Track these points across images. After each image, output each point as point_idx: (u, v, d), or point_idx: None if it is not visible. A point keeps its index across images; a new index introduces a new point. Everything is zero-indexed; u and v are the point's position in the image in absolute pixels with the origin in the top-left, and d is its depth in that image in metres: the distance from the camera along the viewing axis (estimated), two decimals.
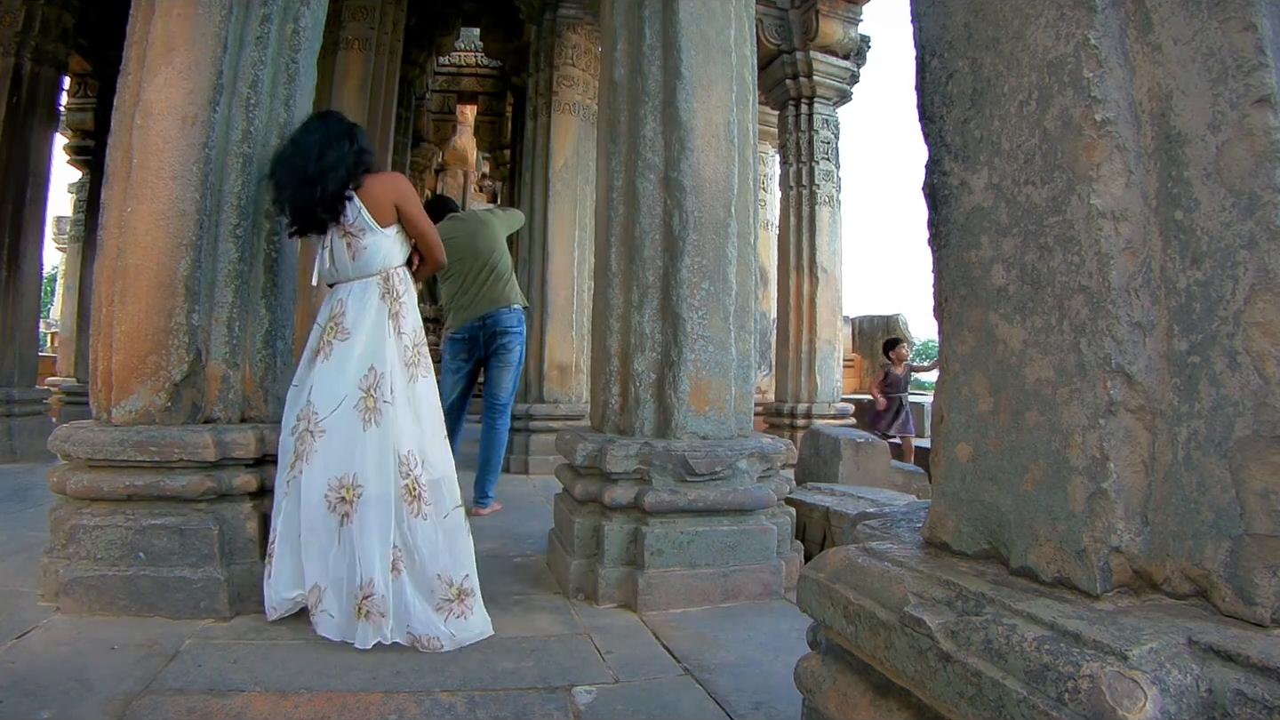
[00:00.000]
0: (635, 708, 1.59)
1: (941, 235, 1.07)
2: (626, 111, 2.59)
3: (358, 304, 2.10)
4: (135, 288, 2.13)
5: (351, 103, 4.83)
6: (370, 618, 1.87)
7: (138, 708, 1.48)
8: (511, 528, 3.32)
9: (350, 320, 2.08)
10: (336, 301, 2.14)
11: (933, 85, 1.09)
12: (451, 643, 1.87)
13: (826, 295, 6.18)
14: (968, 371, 1.00)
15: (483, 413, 3.79)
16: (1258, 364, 0.73)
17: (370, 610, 1.87)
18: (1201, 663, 0.69)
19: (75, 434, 2.10)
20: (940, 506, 1.04)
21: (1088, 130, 0.84)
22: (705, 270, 2.47)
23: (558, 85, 5.23)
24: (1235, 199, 0.75)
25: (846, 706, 1.01)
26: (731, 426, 2.52)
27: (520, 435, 5.02)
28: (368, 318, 2.09)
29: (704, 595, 2.28)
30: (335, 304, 2.14)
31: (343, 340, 2.07)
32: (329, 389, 2.02)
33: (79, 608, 1.95)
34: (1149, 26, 0.82)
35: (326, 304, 2.17)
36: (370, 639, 1.85)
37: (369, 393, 2.01)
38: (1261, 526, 0.72)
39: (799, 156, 6.22)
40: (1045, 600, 0.82)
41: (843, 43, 6.12)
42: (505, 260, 3.78)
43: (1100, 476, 0.81)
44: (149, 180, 2.14)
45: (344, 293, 2.13)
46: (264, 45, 2.30)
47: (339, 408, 2.00)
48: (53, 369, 8.98)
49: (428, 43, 6.72)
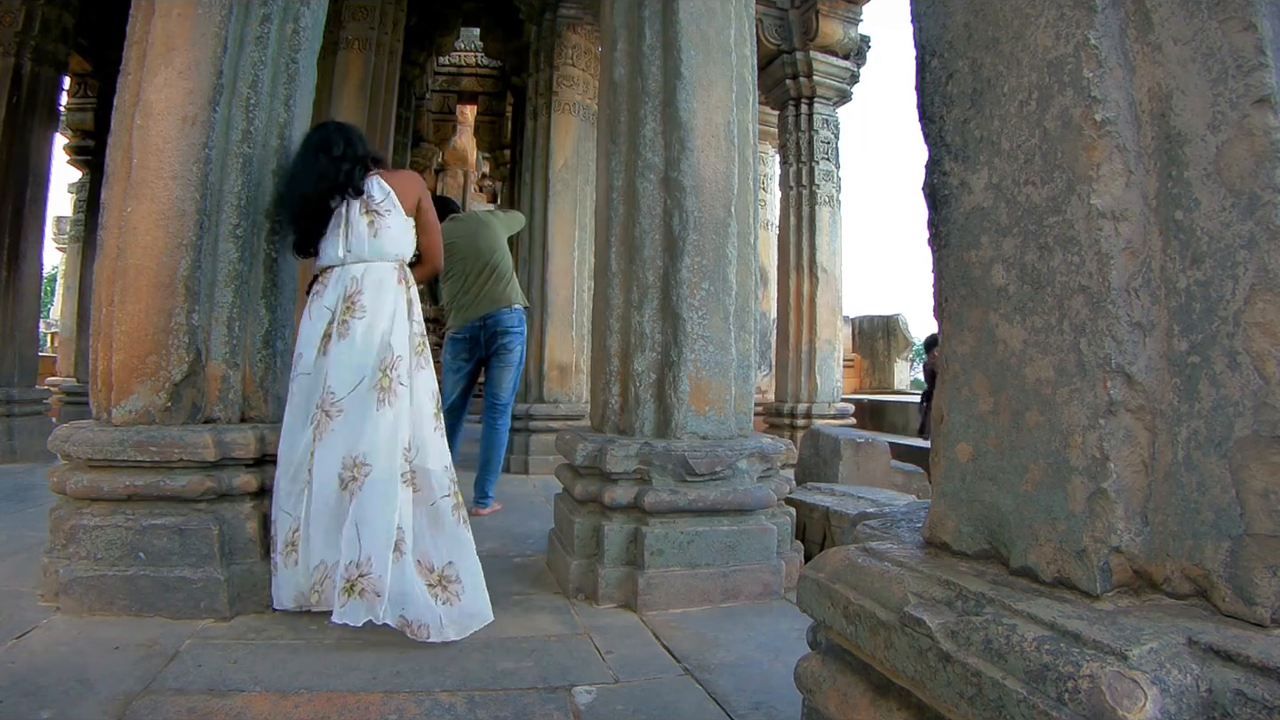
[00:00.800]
0: (635, 708, 1.59)
1: (941, 235, 1.07)
2: (626, 111, 2.59)
3: (376, 285, 2.13)
4: (135, 288, 2.13)
5: (351, 103, 4.83)
6: (364, 595, 1.85)
7: (138, 708, 1.48)
8: (511, 528, 3.32)
9: (369, 300, 2.10)
10: (350, 280, 2.13)
11: (933, 85, 1.09)
12: (438, 631, 1.87)
13: (826, 295, 6.18)
14: (968, 371, 1.00)
15: (483, 412, 3.79)
16: (1258, 364, 0.73)
17: (365, 589, 1.86)
18: (1201, 663, 0.69)
19: (75, 434, 2.10)
20: (940, 506, 1.04)
21: (1088, 130, 0.84)
22: (705, 270, 2.47)
23: (558, 85, 5.23)
24: (1235, 199, 0.75)
25: (846, 706, 1.01)
26: (731, 426, 2.52)
27: (520, 435, 5.02)
28: (388, 299, 2.13)
29: (704, 595, 2.28)
30: (348, 284, 2.13)
31: (360, 318, 2.09)
32: (349, 365, 2.04)
33: (79, 608, 1.95)
34: (1149, 26, 0.82)
35: (334, 286, 2.14)
36: (361, 617, 1.84)
37: (385, 373, 2.04)
38: (1261, 526, 0.72)
39: (799, 156, 6.22)
40: (1045, 600, 0.82)
41: (843, 43, 6.12)
42: (506, 261, 3.79)
43: (1100, 476, 0.81)
44: (149, 180, 2.14)
45: (358, 272, 2.14)
46: (264, 45, 2.30)
47: (358, 386, 2.04)
48: (53, 369, 8.99)
49: (428, 43, 6.72)
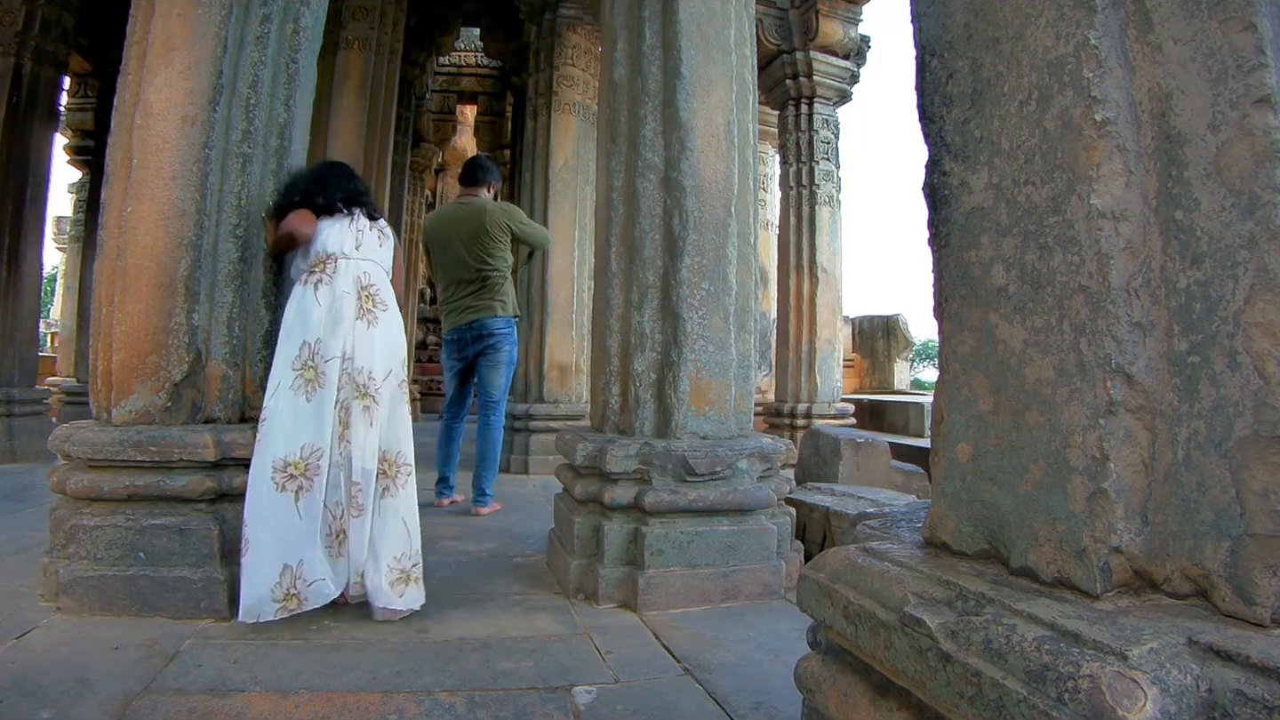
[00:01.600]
0: (635, 708, 1.59)
1: (941, 235, 1.07)
2: (626, 111, 2.59)
3: (384, 285, 2.26)
4: (135, 288, 2.13)
5: (351, 103, 4.83)
6: (418, 582, 2.09)
7: (138, 708, 1.48)
8: (511, 528, 3.32)
9: (384, 297, 2.22)
10: (363, 273, 2.19)
11: (933, 85, 1.09)
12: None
13: (826, 295, 6.18)
14: (968, 371, 1.00)
15: (478, 410, 3.80)
16: (1258, 364, 0.73)
17: (416, 576, 2.08)
18: (1201, 663, 0.69)
19: (75, 434, 2.10)
20: (940, 506, 1.04)
21: (1088, 130, 0.84)
22: (705, 270, 2.47)
23: (558, 85, 5.23)
24: (1235, 199, 0.75)
25: (846, 706, 1.01)
26: (731, 426, 2.52)
27: (520, 435, 5.02)
28: (393, 300, 2.27)
29: (704, 595, 2.28)
30: (361, 276, 2.18)
31: (384, 311, 2.20)
32: (383, 353, 2.14)
33: (79, 608, 1.95)
34: (1149, 26, 0.82)
35: (345, 274, 2.16)
36: (417, 601, 2.07)
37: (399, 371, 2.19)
38: (1261, 526, 0.72)
39: (799, 156, 6.22)
40: (1045, 600, 0.82)
41: (843, 43, 6.12)
42: (499, 271, 3.70)
43: (1100, 476, 0.81)
44: (149, 180, 2.14)
45: (369, 268, 2.22)
46: (264, 45, 2.30)
47: (388, 377, 2.13)
48: (53, 369, 8.98)
49: (428, 43, 6.72)
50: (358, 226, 2.26)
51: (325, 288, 2.14)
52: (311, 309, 2.11)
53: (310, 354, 2.06)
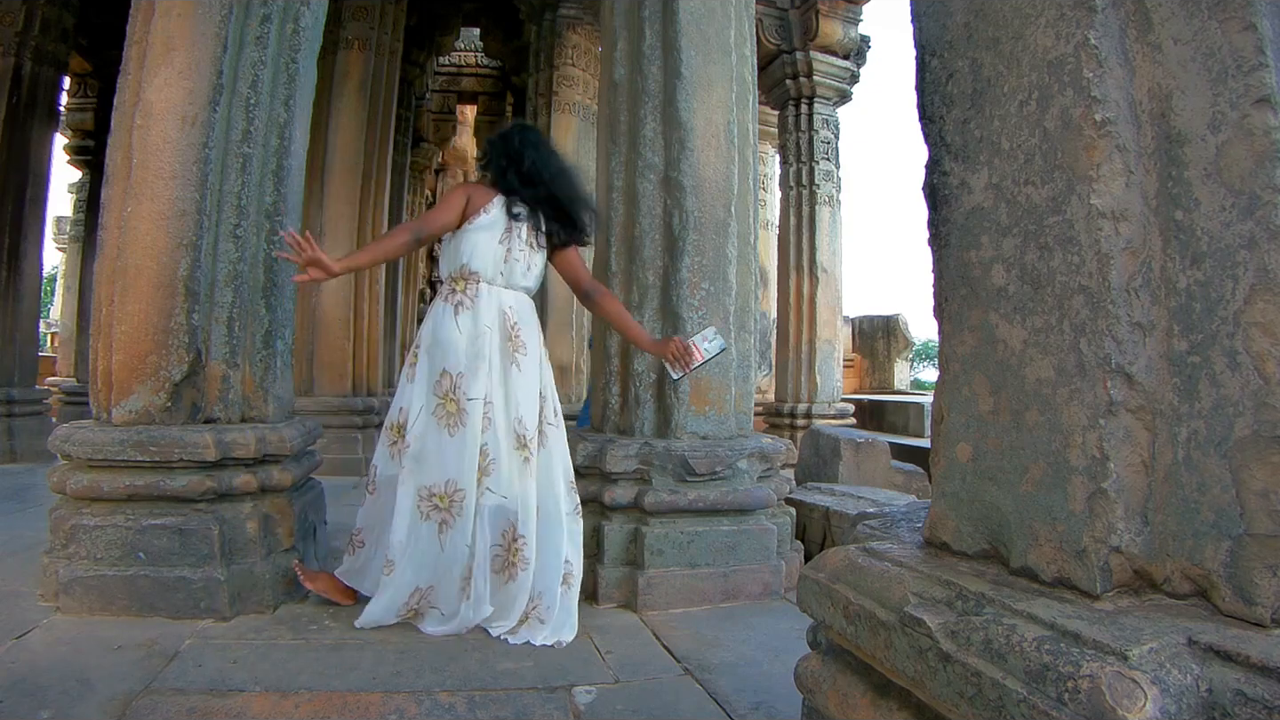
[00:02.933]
0: (635, 708, 1.59)
1: (941, 235, 1.07)
2: (626, 111, 2.59)
3: (529, 320, 2.09)
4: (135, 288, 2.13)
5: (351, 103, 4.83)
6: (529, 624, 1.96)
7: (138, 708, 1.48)
8: None
9: (526, 336, 2.05)
10: (507, 310, 2.02)
11: (933, 85, 1.09)
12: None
13: (826, 295, 6.18)
14: (968, 371, 1.00)
15: None
16: (1258, 364, 0.72)
17: (531, 617, 1.96)
18: (1201, 663, 0.69)
19: (75, 434, 2.10)
20: (940, 506, 1.04)
21: (1088, 130, 0.84)
22: (705, 270, 2.47)
23: (558, 85, 5.24)
24: (1235, 199, 0.75)
25: (846, 706, 1.01)
26: (731, 426, 2.52)
27: None
28: (536, 336, 2.09)
29: (704, 595, 2.28)
30: (505, 313, 2.02)
31: (525, 356, 2.03)
32: (527, 401, 2.02)
33: (79, 608, 1.95)
34: (1149, 26, 0.82)
35: (489, 306, 2.00)
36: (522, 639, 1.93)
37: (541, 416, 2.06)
38: (1261, 526, 0.72)
39: (799, 156, 6.23)
40: (1045, 600, 0.82)
41: (843, 43, 6.13)
42: None
43: (1100, 476, 0.81)
44: (149, 180, 2.14)
45: (511, 300, 2.05)
46: (264, 45, 2.30)
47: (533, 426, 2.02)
48: (53, 369, 8.99)
49: (428, 43, 6.72)
50: (515, 237, 2.04)
51: (466, 314, 1.99)
52: (453, 338, 1.97)
53: (452, 386, 1.95)
